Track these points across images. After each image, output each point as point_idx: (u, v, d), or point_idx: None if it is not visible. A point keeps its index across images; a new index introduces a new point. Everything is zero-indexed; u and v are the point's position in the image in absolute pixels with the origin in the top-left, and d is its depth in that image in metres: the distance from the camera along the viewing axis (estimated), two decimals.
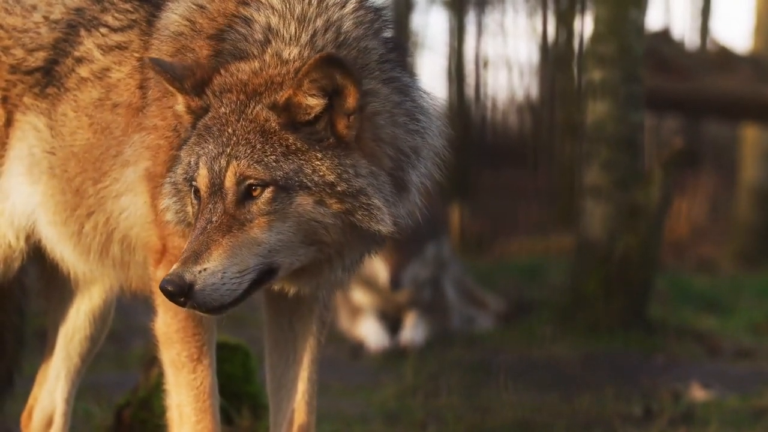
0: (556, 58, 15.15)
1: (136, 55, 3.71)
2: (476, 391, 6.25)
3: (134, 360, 6.88)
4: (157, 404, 4.68)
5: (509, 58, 16.12)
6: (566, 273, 8.25)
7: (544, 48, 15.58)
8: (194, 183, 3.32)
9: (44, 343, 4.34)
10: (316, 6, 3.42)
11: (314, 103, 3.26)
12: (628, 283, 7.70)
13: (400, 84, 3.44)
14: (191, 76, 3.38)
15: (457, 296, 8.60)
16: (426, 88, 3.57)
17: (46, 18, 3.91)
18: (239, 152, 3.25)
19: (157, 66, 3.42)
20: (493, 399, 6.02)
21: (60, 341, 4.30)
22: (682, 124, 17.02)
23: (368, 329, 8.17)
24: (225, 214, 3.25)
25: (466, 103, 15.62)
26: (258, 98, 3.30)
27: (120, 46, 3.76)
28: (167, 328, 3.64)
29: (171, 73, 3.39)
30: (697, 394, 6.30)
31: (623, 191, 7.71)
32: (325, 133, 3.27)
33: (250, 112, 3.29)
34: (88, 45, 3.81)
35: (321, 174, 3.24)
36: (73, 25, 3.86)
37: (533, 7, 16.07)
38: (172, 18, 3.62)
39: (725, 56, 11.01)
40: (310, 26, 3.39)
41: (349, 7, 3.45)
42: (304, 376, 3.75)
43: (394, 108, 3.39)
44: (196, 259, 3.21)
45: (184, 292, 3.20)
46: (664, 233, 8.48)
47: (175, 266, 3.22)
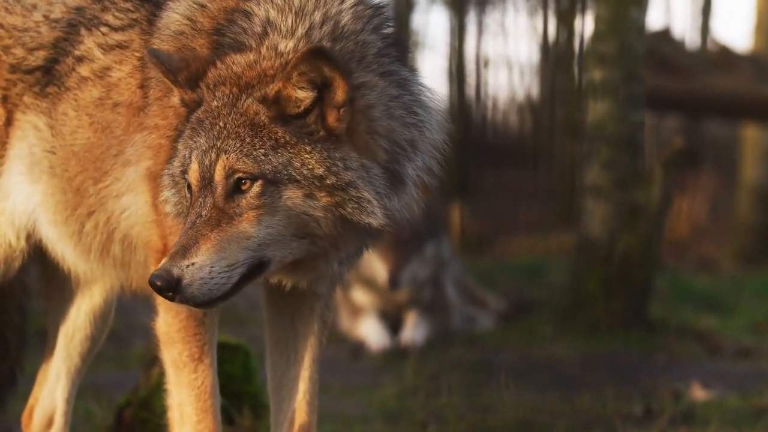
0: (556, 58, 15.15)
1: (137, 55, 3.71)
2: (477, 391, 6.25)
3: (135, 360, 6.88)
4: (157, 404, 4.68)
5: (510, 58, 16.14)
6: (567, 273, 8.25)
7: (545, 47, 15.59)
8: (186, 177, 3.33)
9: (45, 342, 4.34)
10: (315, 0, 3.42)
11: (303, 95, 3.26)
12: (629, 283, 7.70)
13: (399, 78, 3.44)
14: (186, 69, 3.38)
15: (458, 296, 8.60)
16: (427, 83, 3.57)
17: (47, 17, 3.90)
18: (229, 146, 3.26)
19: (153, 58, 3.43)
20: (494, 399, 6.02)
21: (60, 341, 4.30)
22: (683, 123, 17.02)
23: (369, 329, 8.17)
24: (214, 208, 3.25)
25: (466, 102, 15.62)
26: (250, 91, 3.30)
27: (121, 45, 3.76)
28: (168, 328, 3.64)
29: (166, 66, 3.39)
30: (698, 394, 6.30)
31: (623, 191, 7.71)
32: (316, 126, 3.26)
33: (241, 105, 3.29)
34: (89, 44, 3.81)
35: (310, 167, 3.24)
36: (74, 24, 3.86)
37: (534, 6, 16.08)
38: (173, 17, 3.62)
39: (726, 56, 11.01)
40: (307, 19, 3.39)
41: (348, 2, 3.45)
42: (305, 375, 3.75)
43: (391, 101, 3.39)
44: (185, 254, 3.21)
45: (172, 287, 3.20)
46: (665, 233, 8.47)
47: (163, 261, 3.23)
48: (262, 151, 3.24)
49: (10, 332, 4.35)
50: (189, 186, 3.32)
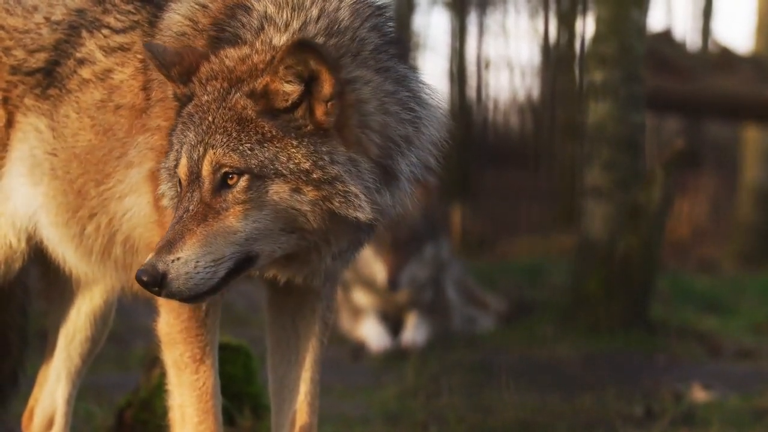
0: (557, 59, 15.15)
1: (139, 57, 3.71)
2: (478, 392, 6.25)
3: (135, 361, 6.88)
4: (158, 405, 4.68)
5: (511, 59, 16.13)
6: (567, 273, 8.25)
7: (546, 49, 15.58)
8: (176, 171, 3.34)
9: (45, 343, 4.34)
10: None
11: (291, 89, 3.26)
12: (629, 284, 7.70)
13: (396, 75, 3.44)
14: (179, 63, 3.38)
15: (458, 297, 8.60)
16: (427, 81, 3.57)
17: (48, 19, 3.90)
18: (216, 141, 3.26)
19: (148, 52, 3.44)
20: (495, 399, 6.02)
21: (61, 342, 4.30)
22: (683, 124, 17.02)
23: (369, 330, 8.17)
24: (201, 203, 3.26)
25: (467, 103, 15.61)
26: (239, 86, 3.30)
27: (122, 48, 3.76)
28: (170, 329, 3.64)
29: (160, 60, 3.40)
30: (699, 395, 6.30)
31: (624, 192, 7.72)
32: (304, 121, 3.26)
33: (230, 99, 3.29)
34: (90, 46, 3.81)
35: (296, 161, 3.24)
36: (75, 27, 3.86)
37: (535, 8, 16.07)
38: (175, 18, 3.62)
39: (726, 57, 11.01)
40: (303, 14, 3.39)
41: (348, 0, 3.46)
42: (306, 376, 3.75)
43: (386, 97, 3.38)
44: (170, 249, 3.21)
45: (157, 282, 3.21)
46: (665, 233, 8.48)
47: (150, 256, 3.24)
48: (249, 145, 3.25)
49: (11, 333, 4.35)
50: (179, 181, 3.33)
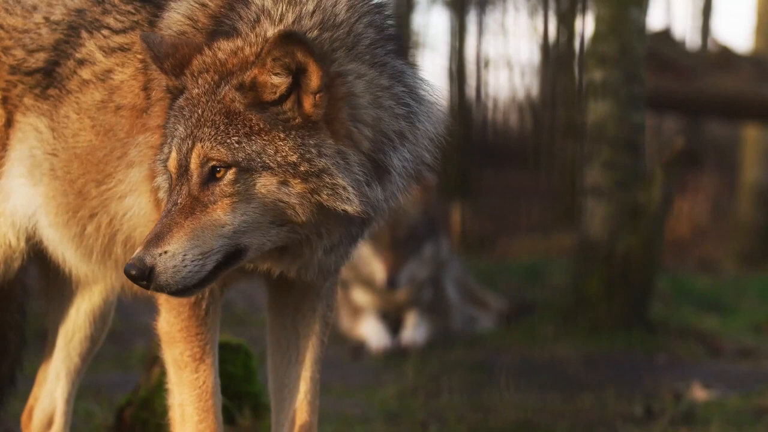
0: (557, 58, 15.14)
1: (139, 57, 3.70)
2: (478, 391, 6.25)
3: (135, 360, 6.88)
4: (158, 404, 4.69)
5: (510, 58, 16.11)
6: (568, 273, 8.24)
7: (545, 48, 15.57)
8: (167, 165, 3.34)
9: (44, 342, 4.34)
10: None
11: (278, 81, 3.26)
12: (630, 283, 7.70)
13: (393, 70, 3.44)
14: (172, 56, 3.39)
15: (458, 296, 8.60)
16: (424, 75, 3.56)
17: (47, 19, 3.90)
18: (204, 134, 3.27)
19: (143, 43, 3.44)
20: (495, 399, 6.02)
21: (60, 341, 4.30)
22: (683, 124, 17.02)
23: (369, 329, 8.17)
24: (189, 196, 3.26)
25: (467, 102, 15.60)
26: (229, 78, 3.31)
27: (122, 48, 3.76)
28: (170, 328, 3.64)
29: (154, 52, 3.40)
30: (699, 394, 6.30)
31: (624, 191, 7.71)
32: (292, 113, 3.26)
33: (220, 92, 3.30)
34: (90, 47, 3.81)
35: (283, 154, 3.24)
36: (75, 27, 3.85)
37: (534, 6, 16.06)
38: (175, 17, 3.62)
39: (726, 56, 11.00)
40: (299, 8, 3.39)
41: None
42: (307, 375, 3.74)
43: (381, 91, 3.38)
44: (158, 242, 3.22)
45: (145, 276, 3.22)
46: (666, 233, 8.47)
47: (138, 250, 3.24)
48: (236, 138, 3.25)
49: (9, 332, 4.35)
50: (170, 174, 3.33)
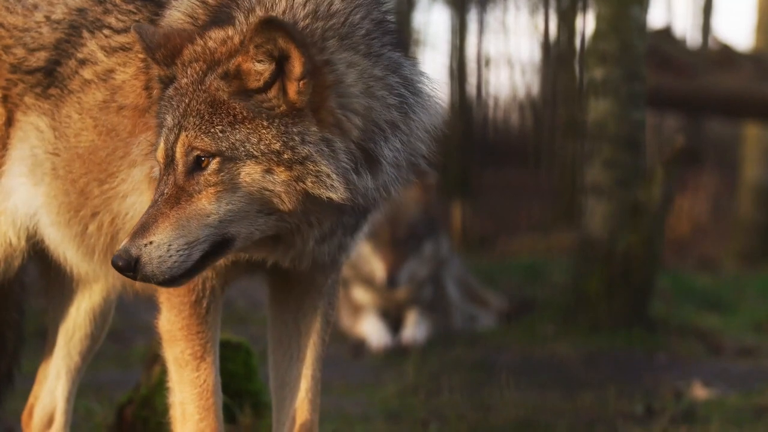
0: (557, 56, 15.14)
1: (140, 56, 3.70)
2: (478, 390, 6.25)
3: (136, 358, 6.89)
4: (158, 402, 4.69)
5: (511, 56, 16.11)
6: (568, 271, 8.24)
7: (546, 46, 15.57)
8: (156, 155, 3.35)
9: (44, 341, 4.34)
10: None
11: (262, 68, 3.26)
12: (630, 282, 7.70)
13: (388, 61, 3.43)
14: (164, 46, 3.39)
15: (459, 295, 8.60)
16: (425, 70, 3.56)
17: (48, 18, 3.89)
18: (189, 123, 3.27)
19: (136, 34, 3.45)
20: (495, 397, 6.02)
21: (60, 339, 4.30)
22: (684, 122, 17.01)
23: (370, 328, 8.17)
24: (175, 186, 3.27)
25: (467, 101, 15.60)
26: (216, 67, 3.31)
27: (124, 48, 3.76)
28: (171, 326, 3.64)
29: (146, 42, 3.41)
30: (699, 393, 6.30)
31: (625, 190, 7.71)
32: (277, 101, 3.26)
33: (206, 81, 3.30)
34: (92, 47, 3.81)
35: (267, 142, 3.23)
36: (76, 26, 3.85)
37: (535, 4, 16.06)
38: (175, 16, 3.62)
39: (727, 54, 11.00)
40: None
41: None
42: (308, 374, 3.74)
43: (373, 81, 3.37)
44: (143, 233, 3.23)
45: (131, 267, 3.23)
46: (666, 232, 8.47)
47: (124, 241, 3.25)
48: (220, 127, 3.25)
49: (8, 330, 4.35)
50: (159, 164, 3.35)
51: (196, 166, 3.26)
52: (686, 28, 17.66)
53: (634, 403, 5.98)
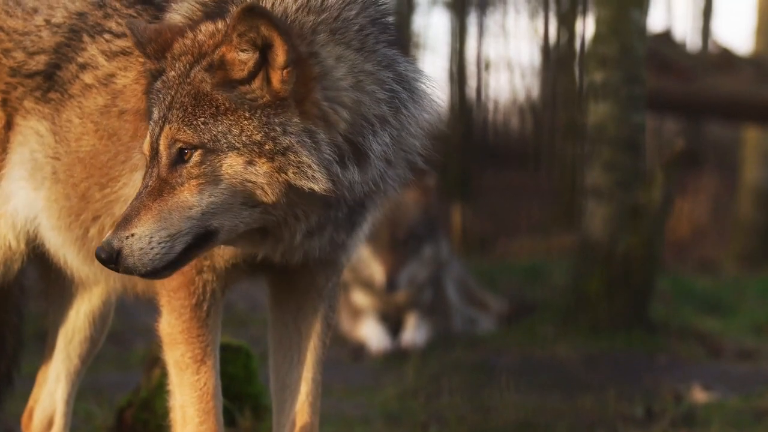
0: (557, 60, 15.14)
1: (141, 60, 3.70)
2: (478, 392, 6.26)
3: (136, 361, 6.89)
4: (158, 405, 4.69)
5: (511, 59, 16.13)
6: (568, 273, 8.25)
7: (546, 49, 15.58)
8: (142, 148, 3.36)
9: (44, 344, 4.34)
10: None
11: (246, 57, 3.25)
12: (630, 284, 7.70)
13: (381, 56, 3.42)
14: (155, 40, 3.40)
15: (459, 297, 8.60)
16: (421, 67, 3.56)
17: (48, 21, 3.89)
18: (173, 116, 3.27)
19: (128, 30, 3.46)
20: (495, 400, 6.02)
21: (60, 342, 4.30)
22: (684, 125, 17.02)
23: (369, 331, 8.17)
24: (158, 179, 3.27)
25: (467, 104, 15.61)
26: (202, 60, 3.31)
27: (124, 52, 3.77)
28: (171, 329, 3.64)
29: (137, 37, 3.42)
30: (699, 395, 6.30)
31: (625, 192, 7.71)
32: (261, 91, 3.25)
33: (191, 74, 3.30)
34: (92, 51, 3.81)
35: (248, 134, 3.23)
36: (76, 30, 3.85)
37: (535, 8, 16.07)
38: (175, 19, 3.61)
39: (727, 58, 11.01)
40: None
41: None
42: (308, 376, 3.74)
43: (364, 75, 3.37)
44: (126, 225, 3.24)
45: (113, 259, 3.23)
46: (666, 234, 8.47)
47: (108, 233, 3.26)
48: (203, 119, 3.25)
49: (7, 333, 4.35)
50: (146, 157, 3.36)
51: (179, 158, 3.26)
52: (686, 32, 17.69)
53: (634, 406, 5.97)
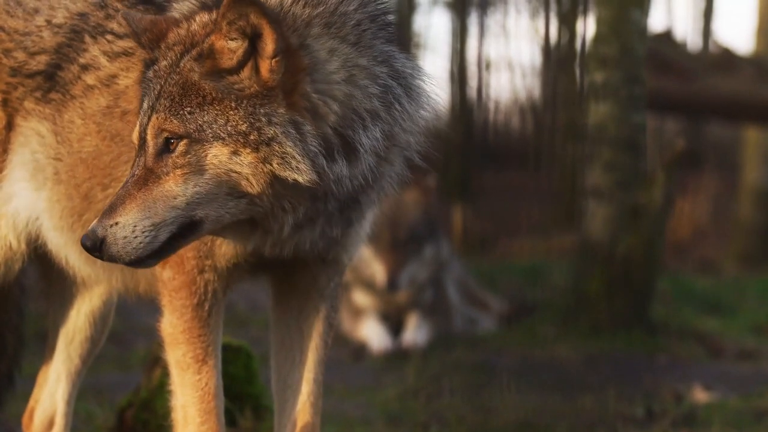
0: (558, 60, 15.14)
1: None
2: (479, 392, 6.26)
3: (137, 361, 6.89)
4: (159, 405, 4.69)
5: (511, 60, 16.13)
6: (568, 274, 8.25)
7: (546, 49, 15.57)
8: (132, 138, 3.37)
9: (45, 344, 4.34)
10: None
11: (235, 46, 3.25)
12: (631, 284, 7.70)
13: (377, 52, 3.42)
14: (150, 30, 3.40)
15: (459, 297, 8.60)
16: (421, 65, 3.56)
17: (49, 22, 3.90)
18: (160, 106, 3.28)
19: (124, 20, 3.48)
20: (496, 400, 6.02)
21: (60, 343, 4.30)
22: (684, 125, 17.02)
23: (370, 331, 8.17)
24: (144, 168, 3.28)
25: (468, 104, 15.61)
26: (192, 49, 3.32)
27: (126, 53, 3.77)
28: (173, 329, 3.64)
29: (133, 27, 3.43)
30: (699, 396, 6.30)
31: (625, 192, 7.72)
32: (249, 81, 3.25)
33: (181, 63, 3.31)
34: (94, 52, 3.81)
35: (233, 124, 3.23)
36: (77, 31, 3.85)
37: (535, 8, 16.07)
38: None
39: (727, 58, 11.01)
40: None
41: None
42: (310, 377, 3.74)
43: (357, 70, 3.37)
44: (111, 214, 3.25)
45: (97, 247, 3.25)
46: (666, 234, 8.47)
47: (94, 222, 3.27)
48: (189, 109, 3.26)
49: (8, 332, 4.36)
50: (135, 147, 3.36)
51: (165, 148, 3.27)
52: (687, 32, 17.70)
53: (635, 406, 5.98)
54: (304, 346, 3.75)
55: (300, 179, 3.25)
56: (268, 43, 3.23)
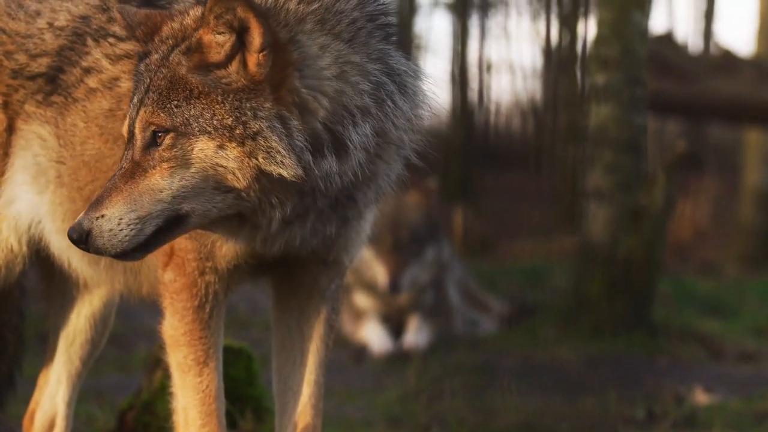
0: (559, 62, 15.14)
1: None
2: (480, 394, 6.26)
3: (137, 363, 6.89)
4: (160, 407, 4.69)
5: (512, 62, 16.13)
6: (569, 276, 8.25)
7: (548, 51, 15.58)
8: (122, 131, 3.38)
9: (45, 346, 4.35)
10: None
11: (222, 40, 3.25)
12: (631, 286, 7.70)
13: (372, 49, 3.41)
14: (144, 24, 3.41)
15: (460, 299, 8.60)
16: (418, 65, 3.56)
17: (51, 24, 3.90)
18: (149, 99, 3.29)
19: (119, 14, 3.48)
20: (497, 402, 6.02)
21: (61, 345, 4.30)
22: (685, 127, 17.02)
23: (371, 333, 8.17)
24: (132, 162, 3.28)
25: (469, 106, 15.61)
26: (182, 43, 3.32)
27: (128, 55, 3.77)
28: (174, 331, 3.64)
29: (128, 21, 3.44)
30: (700, 398, 6.30)
31: (626, 194, 7.72)
32: (237, 75, 3.26)
33: (171, 57, 3.31)
34: (96, 55, 3.81)
35: (219, 118, 3.23)
36: (79, 34, 3.85)
37: (536, 10, 16.08)
38: None
39: (728, 60, 11.01)
40: None
41: None
42: (311, 379, 3.74)
43: (349, 66, 3.36)
44: (97, 207, 3.26)
45: (83, 240, 3.26)
46: (667, 236, 8.48)
47: (81, 214, 3.28)
48: (176, 103, 3.26)
49: (8, 334, 4.36)
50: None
51: (153, 141, 3.28)
52: (688, 34, 17.70)
53: (636, 408, 5.98)
54: (305, 348, 3.75)
55: (285, 174, 3.25)
56: (255, 37, 3.24)
